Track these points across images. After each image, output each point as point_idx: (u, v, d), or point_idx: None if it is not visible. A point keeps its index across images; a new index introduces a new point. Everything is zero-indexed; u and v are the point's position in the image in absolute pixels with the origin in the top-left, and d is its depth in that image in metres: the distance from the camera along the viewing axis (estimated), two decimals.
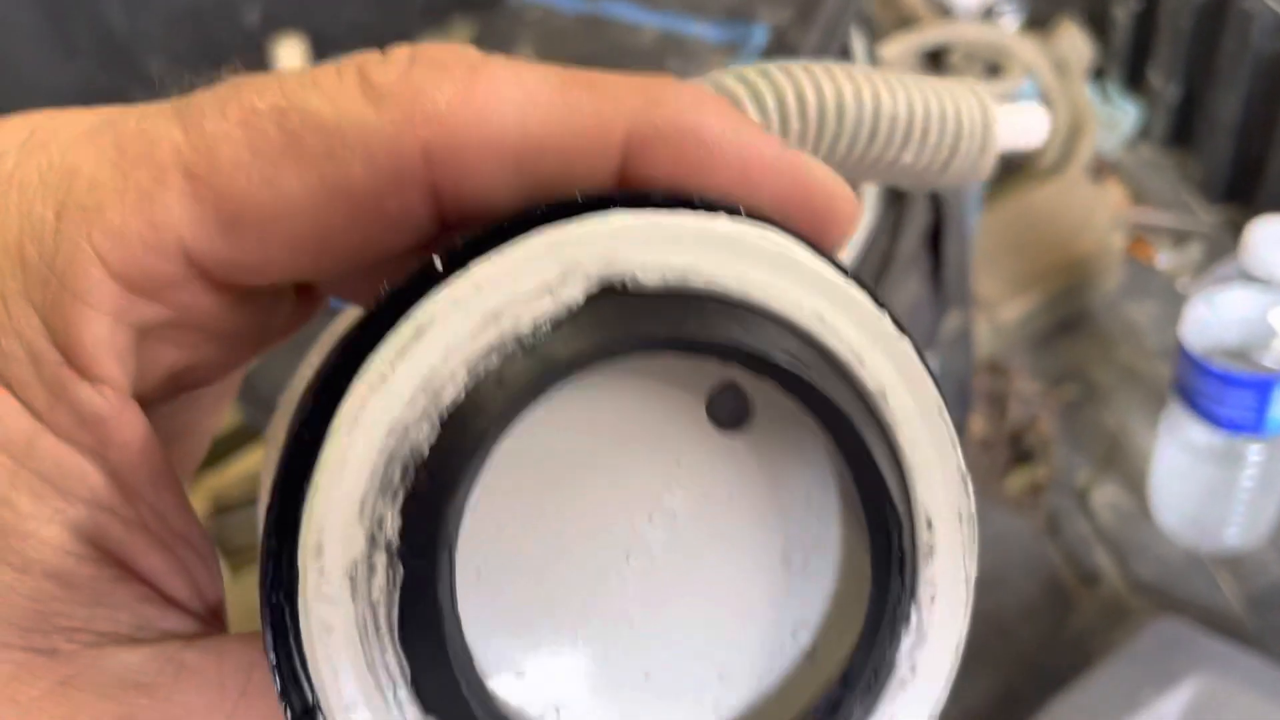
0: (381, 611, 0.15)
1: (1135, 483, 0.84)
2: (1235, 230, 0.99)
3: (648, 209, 0.17)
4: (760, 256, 0.17)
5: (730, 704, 0.18)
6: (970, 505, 0.18)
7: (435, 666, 0.15)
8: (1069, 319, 0.95)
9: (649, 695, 0.17)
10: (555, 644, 0.17)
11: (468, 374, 0.15)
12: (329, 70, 0.17)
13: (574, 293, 0.16)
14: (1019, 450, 0.87)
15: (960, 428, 0.77)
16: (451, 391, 0.15)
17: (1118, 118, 1.06)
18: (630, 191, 0.17)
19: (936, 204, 0.65)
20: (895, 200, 0.64)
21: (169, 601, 0.19)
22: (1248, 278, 0.68)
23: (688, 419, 0.17)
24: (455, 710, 0.16)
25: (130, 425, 0.18)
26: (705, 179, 0.18)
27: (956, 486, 0.18)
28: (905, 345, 0.17)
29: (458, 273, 0.16)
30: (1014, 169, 1.00)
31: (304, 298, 0.23)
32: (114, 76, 0.91)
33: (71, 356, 0.17)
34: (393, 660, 0.15)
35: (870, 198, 0.62)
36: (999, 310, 0.91)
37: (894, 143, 0.27)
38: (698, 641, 0.18)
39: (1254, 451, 0.73)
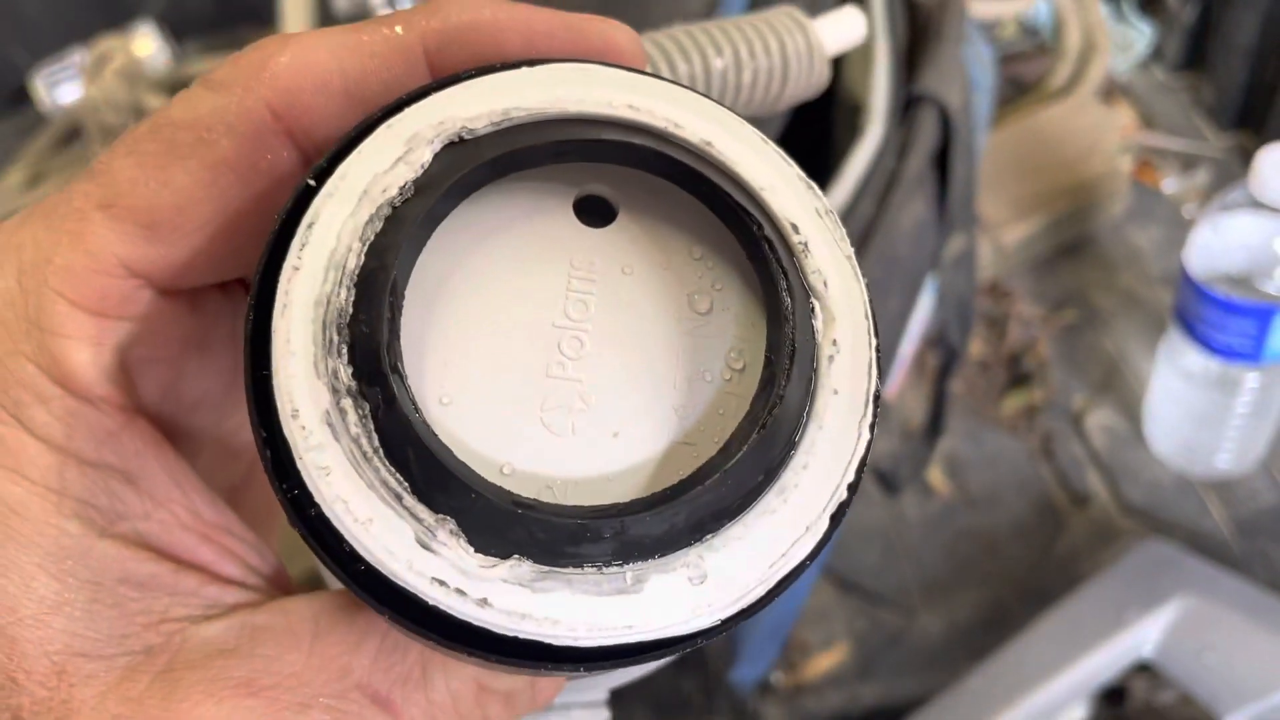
0: (364, 441, 0.18)
1: (1130, 407, 0.84)
2: (1245, 157, 0.98)
3: (461, 84, 0.20)
4: (566, 82, 0.21)
5: (690, 428, 0.21)
6: (824, 203, 0.21)
7: (426, 472, 0.18)
8: (1072, 242, 0.95)
9: (623, 447, 0.20)
10: (528, 439, 0.20)
11: (360, 242, 0.19)
12: (181, 89, 0.22)
13: (422, 155, 0.20)
14: (1016, 372, 0.88)
15: (962, 352, 0.78)
16: (354, 260, 0.19)
17: (1132, 38, 1.04)
18: (443, 79, 0.21)
19: (945, 124, 0.64)
20: (903, 120, 0.63)
21: (228, 582, 0.22)
22: (1255, 204, 0.67)
23: (565, 226, 0.21)
24: (455, 502, 0.18)
25: (140, 436, 0.22)
26: (500, 52, 0.22)
27: (804, 192, 0.21)
28: (720, 110, 0.21)
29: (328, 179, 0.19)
30: (1024, 89, 0.99)
31: None
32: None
33: (69, 385, 0.21)
34: (389, 477, 0.18)
35: (878, 117, 0.61)
36: (1002, 232, 0.91)
37: (729, 89, 0.32)
38: (648, 394, 0.21)
39: (1250, 379, 0.74)
